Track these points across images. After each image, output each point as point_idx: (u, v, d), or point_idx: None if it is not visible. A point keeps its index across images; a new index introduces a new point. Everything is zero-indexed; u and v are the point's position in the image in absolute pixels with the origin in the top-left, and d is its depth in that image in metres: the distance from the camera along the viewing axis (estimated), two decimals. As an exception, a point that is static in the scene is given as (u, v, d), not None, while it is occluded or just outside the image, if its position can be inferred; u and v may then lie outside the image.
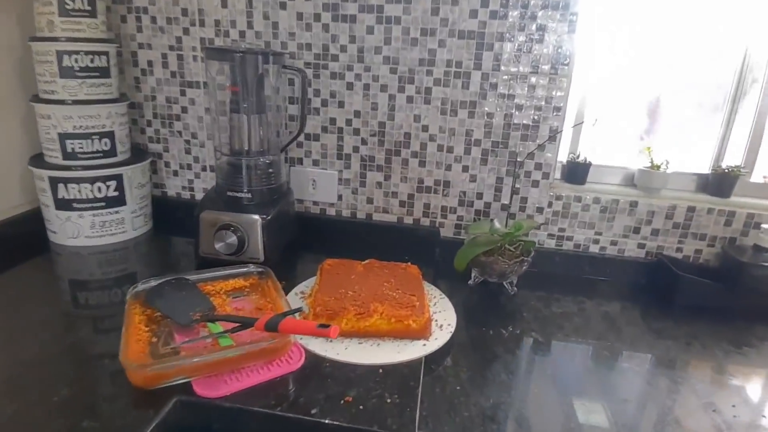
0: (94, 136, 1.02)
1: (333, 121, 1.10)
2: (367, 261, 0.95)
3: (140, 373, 0.62)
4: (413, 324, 0.76)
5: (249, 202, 0.99)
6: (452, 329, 0.81)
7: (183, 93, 1.15)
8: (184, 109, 1.16)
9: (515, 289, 0.99)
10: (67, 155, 1.01)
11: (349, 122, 1.10)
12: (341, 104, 1.09)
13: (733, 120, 1.09)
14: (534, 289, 1.02)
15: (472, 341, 0.81)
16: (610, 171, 1.14)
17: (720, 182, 1.08)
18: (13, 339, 0.74)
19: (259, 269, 0.87)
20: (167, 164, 1.22)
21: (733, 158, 1.10)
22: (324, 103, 1.09)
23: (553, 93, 1.01)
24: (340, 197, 1.16)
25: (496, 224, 0.91)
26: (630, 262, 1.08)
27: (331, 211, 1.18)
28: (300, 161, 1.15)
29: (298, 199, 1.18)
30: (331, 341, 0.75)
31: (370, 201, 1.15)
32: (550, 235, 1.11)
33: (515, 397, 0.69)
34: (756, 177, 1.10)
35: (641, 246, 1.08)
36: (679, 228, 1.06)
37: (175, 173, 1.22)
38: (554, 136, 1.03)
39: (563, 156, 1.14)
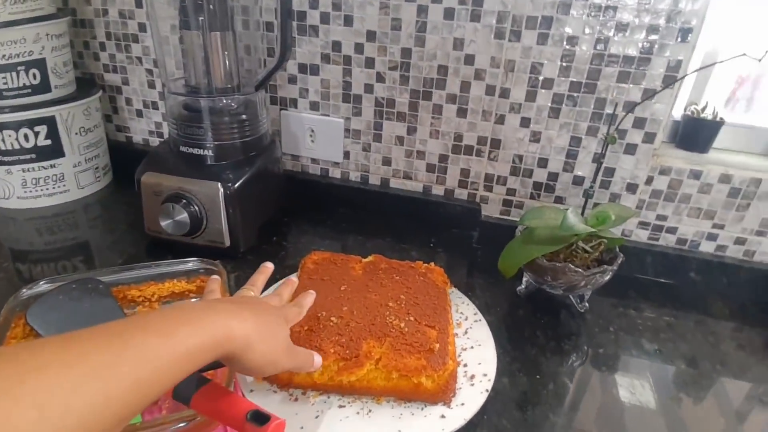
0: (18, 67, 0.75)
1: (337, 46, 0.77)
2: (370, 258, 0.66)
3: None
4: (427, 382, 0.48)
5: (212, 162, 0.70)
6: (489, 384, 0.52)
7: (139, 3, 0.84)
8: (142, 27, 0.86)
9: (586, 305, 0.68)
10: (-15, 92, 0.75)
11: (359, 48, 0.76)
12: (348, 20, 0.75)
13: None
14: (612, 302, 0.70)
15: (520, 404, 0.52)
16: (751, 134, 0.76)
17: None
18: None
19: (208, 266, 0.59)
20: (128, 101, 0.94)
21: None
22: (324, 19, 0.76)
23: (682, 3, 0.62)
24: (346, 155, 0.85)
25: (570, 216, 0.59)
26: (760, 271, 0.73)
27: (335, 173, 0.87)
28: (293, 103, 0.84)
29: (292, 155, 0.88)
30: (295, 401, 0.49)
31: (387, 162, 0.83)
32: (643, 224, 0.76)
33: None
34: None
35: (782, 248, 0.73)
36: None
37: (139, 113, 0.94)
38: (675, 77, 0.66)
39: (678, 109, 0.76)
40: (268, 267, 0.51)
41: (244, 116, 0.72)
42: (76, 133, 0.82)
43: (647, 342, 0.64)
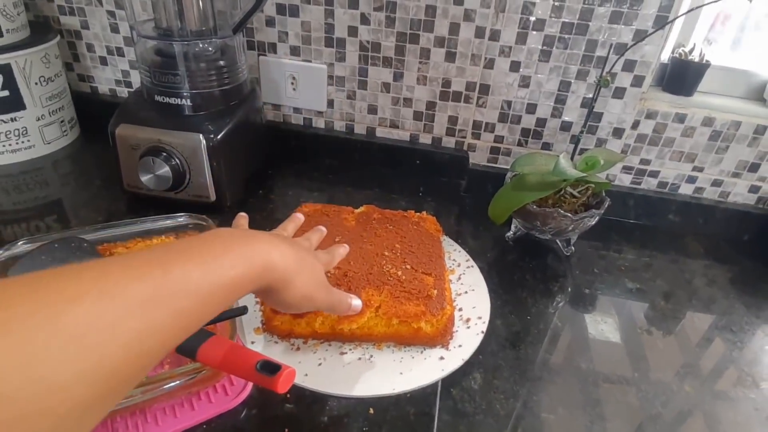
0: (-47, 3, 0.67)
1: (318, -16, 0.72)
2: (362, 208, 0.65)
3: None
4: (427, 327, 0.49)
5: (191, 113, 0.67)
6: (484, 327, 0.54)
7: (93, -67, 0.76)
8: (99, -38, 0.78)
9: (572, 248, 0.70)
10: None
11: (342, -13, 0.72)
12: (329, -45, 0.70)
13: None
14: (596, 245, 0.72)
15: (513, 343, 0.55)
16: (735, 77, 0.77)
17: None
18: None
19: (197, 221, 0.58)
20: (90, 47, 0.86)
21: None
22: (303, -46, 0.70)
23: (679, -61, 0.60)
24: (330, 103, 0.82)
25: (562, 161, 0.59)
26: (734, 211, 0.77)
27: (319, 123, 0.85)
28: (272, 48, 0.79)
29: (273, 104, 0.84)
30: (297, 350, 0.49)
31: (372, 110, 0.81)
32: (626, 169, 0.78)
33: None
34: None
35: (754, 190, 0.76)
36: (822, 166, 0.73)
37: (103, 60, 0.87)
38: (666, 17, 0.65)
39: (666, 51, 0.76)
40: (299, 217, 0.51)
41: (221, 62, 0.67)
42: (36, 83, 0.76)
43: (629, 281, 0.67)
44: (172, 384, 0.39)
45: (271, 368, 0.36)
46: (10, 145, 0.76)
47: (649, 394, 0.51)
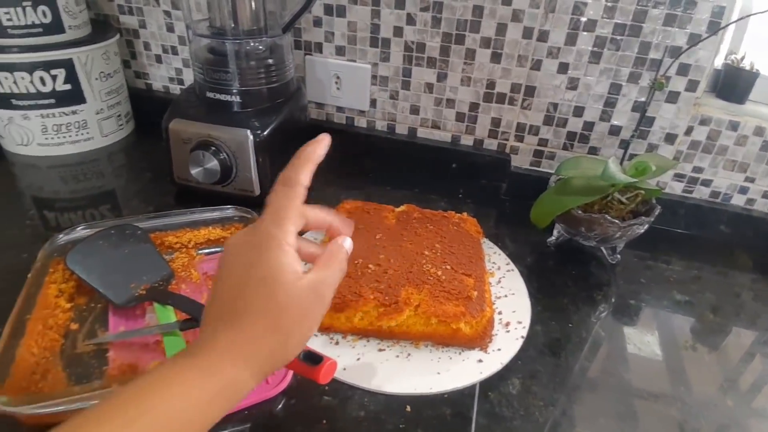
0: (24, 2, 0.71)
1: (365, -16, 0.73)
2: (402, 207, 0.65)
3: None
4: (466, 328, 0.48)
5: (239, 109, 0.69)
6: (524, 331, 0.53)
7: (153, -63, 0.79)
8: (158, -37, 0.81)
9: (618, 257, 0.68)
10: (-6, 30, 0.72)
11: (389, -13, 0.72)
12: (378, -44, 0.70)
13: None
14: (642, 254, 0.70)
15: (553, 350, 0.53)
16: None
17: None
18: None
19: (243, 213, 0.59)
20: (147, 46, 0.91)
21: None
22: (352, -45, 0.71)
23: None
24: (373, 103, 0.83)
25: (611, 166, 0.57)
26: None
27: (361, 122, 0.85)
28: (318, 48, 0.81)
29: (317, 103, 0.85)
30: (336, 345, 0.50)
31: (415, 110, 0.81)
32: (678, 177, 0.75)
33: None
34: None
35: (817, 202, 0.71)
36: None
37: (158, 59, 0.91)
38: (719, 23, 0.62)
39: (719, 58, 0.72)
40: (314, 151, 0.39)
41: (270, 61, 0.69)
42: (96, 79, 0.80)
43: (677, 293, 0.64)
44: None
45: (314, 359, 0.36)
46: (70, 136, 0.81)
47: (692, 409, 0.48)
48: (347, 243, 0.37)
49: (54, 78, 0.75)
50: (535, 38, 0.69)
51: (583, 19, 0.66)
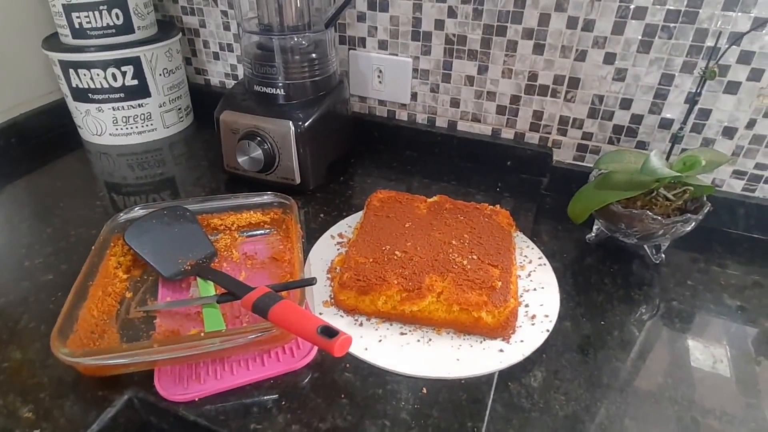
0: (101, 6, 0.79)
1: (408, -22, 0.74)
2: (435, 198, 0.66)
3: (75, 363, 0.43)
4: (487, 317, 0.49)
5: (283, 102, 0.72)
6: (551, 326, 0.52)
7: (213, -58, 0.85)
8: (217, -33, 0.87)
9: (662, 256, 0.64)
10: (75, 32, 0.81)
11: (431, -20, 0.73)
12: (421, -50, 0.71)
13: None
14: (693, 255, 0.66)
15: (581, 347, 0.52)
16: None
17: None
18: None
19: (282, 200, 0.63)
20: (206, 44, 0.97)
21: None
22: (395, -50, 0.73)
23: None
24: (414, 96, 0.84)
25: (653, 159, 0.54)
26: None
27: (402, 115, 0.87)
28: (362, 42, 0.83)
29: (360, 96, 0.88)
30: (360, 326, 0.52)
31: (455, 103, 0.81)
32: (738, 174, 0.69)
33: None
34: None
35: None
36: None
37: (216, 56, 0.98)
38: (795, 0, 0.57)
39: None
40: None
41: (313, 55, 0.72)
42: (160, 74, 0.87)
43: (729, 298, 0.60)
44: (249, 337, 0.44)
45: (330, 333, 0.39)
46: (136, 127, 0.89)
47: (734, 420, 0.45)
48: None
49: (124, 74, 0.83)
50: (579, 28, 0.67)
51: (632, 6, 0.64)
